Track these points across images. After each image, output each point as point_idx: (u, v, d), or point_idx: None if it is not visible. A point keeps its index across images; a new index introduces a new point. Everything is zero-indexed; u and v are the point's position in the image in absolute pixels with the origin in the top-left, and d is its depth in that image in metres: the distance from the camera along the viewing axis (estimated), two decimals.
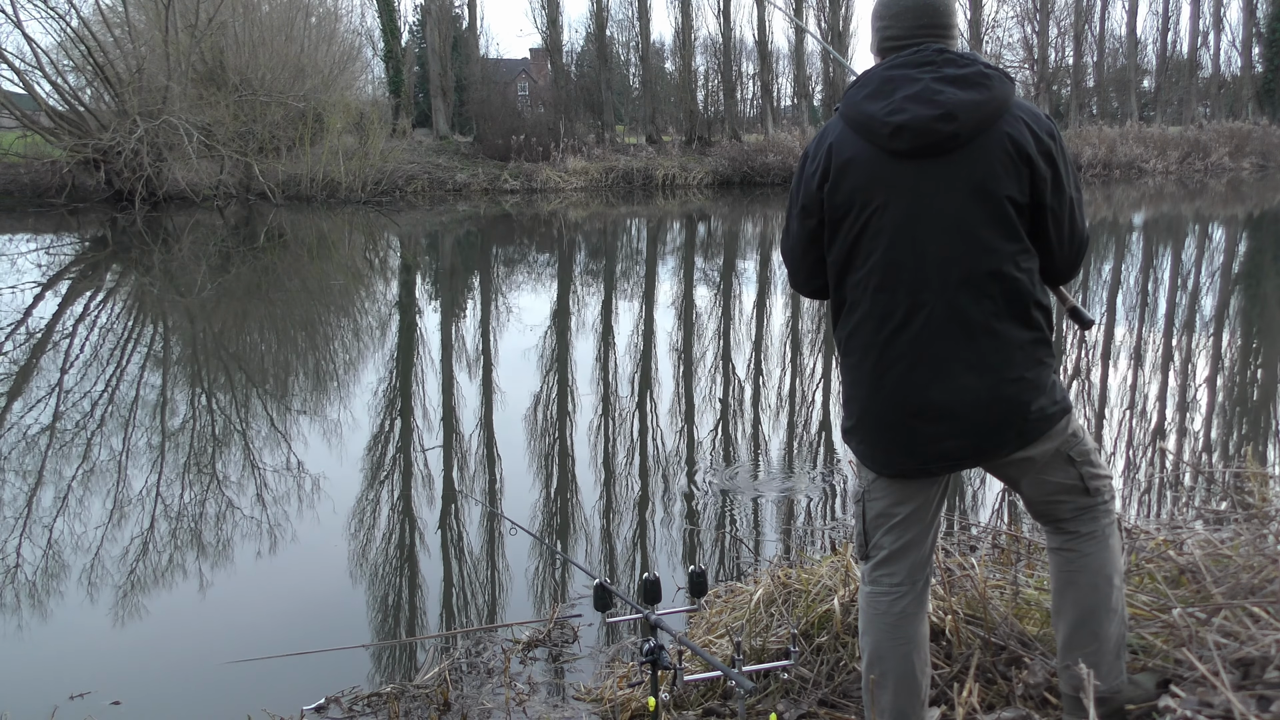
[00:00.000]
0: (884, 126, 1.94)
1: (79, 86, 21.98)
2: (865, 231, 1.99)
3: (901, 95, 1.94)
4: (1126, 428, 6.22)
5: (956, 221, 1.94)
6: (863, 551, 2.19)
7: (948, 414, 1.99)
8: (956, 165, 1.93)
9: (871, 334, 2.02)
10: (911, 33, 2.02)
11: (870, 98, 1.98)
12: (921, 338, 1.97)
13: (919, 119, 1.91)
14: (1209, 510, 4.24)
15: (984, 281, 1.95)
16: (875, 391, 2.04)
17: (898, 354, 1.99)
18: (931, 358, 1.98)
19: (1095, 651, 2.09)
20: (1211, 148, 29.94)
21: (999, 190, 1.93)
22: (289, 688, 3.25)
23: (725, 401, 6.99)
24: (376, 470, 5.70)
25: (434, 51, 31.20)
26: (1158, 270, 13.61)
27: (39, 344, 8.98)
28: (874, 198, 1.97)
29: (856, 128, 1.99)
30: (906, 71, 1.97)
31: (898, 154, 1.94)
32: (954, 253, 1.95)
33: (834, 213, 2.02)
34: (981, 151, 1.93)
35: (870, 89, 1.99)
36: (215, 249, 16.04)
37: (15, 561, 4.41)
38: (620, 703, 2.83)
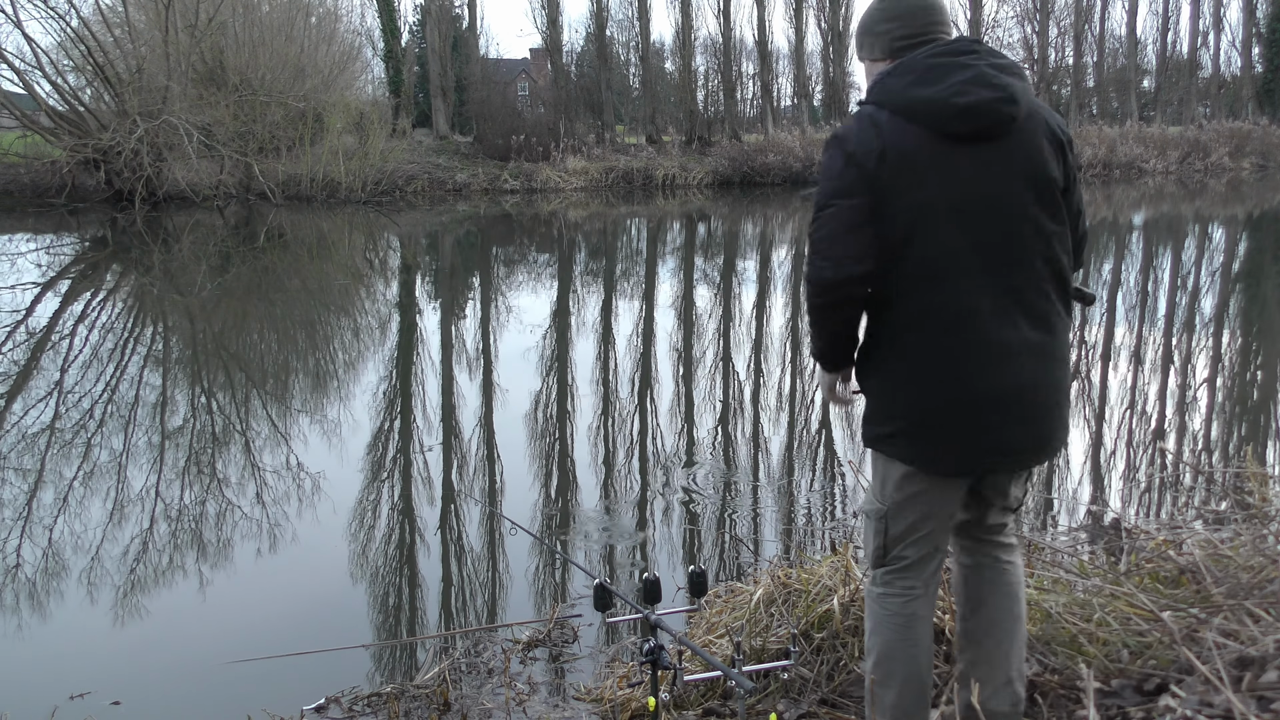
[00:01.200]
0: (948, 109, 1.92)
1: (79, 86, 21.98)
2: (919, 220, 1.94)
3: (958, 80, 1.93)
4: (1126, 428, 6.22)
5: (1010, 205, 1.95)
6: (879, 562, 2.14)
7: (1016, 403, 1.96)
8: (1009, 149, 1.96)
9: (932, 326, 1.95)
10: (924, 29, 2.04)
11: (918, 85, 1.95)
12: (986, 326, 1.94)
13: (985, 101, 1.92)
14: (1209, 510, 4.24)
15: (1038, 265, 1.97)
16: (939, 385, 1.96)
17: (963, 344, 1.94)
18: (998, 346, 1.94)
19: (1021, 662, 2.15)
20: (1211, 148, 29.92)
21: (1047, 172, 1.97)
22: (289, 688, 3.25)
23: (725, 401, 6.99)
24: (376, 470, 5.69)
25: (434, 51, 31.19)
26: (1158, 270, 13.61)
27: (39, 344, 8.98)
28: (928, 185, 1.93)
29: (909, 114, 1.94)
30: (954, 59, 1.96)
31: (957, 137, 1.93)
32: (1010, 237, 1.95)
33: (885, 196, 1.94)
34: (1029, 135, 1.97)
35: (914, 77, 1.96)
36: (215, 249, 16.04)
37: (15, 561, 4.41)
38: (620, 703, 2.83)
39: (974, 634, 2.16)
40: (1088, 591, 2.66)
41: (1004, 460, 2.02)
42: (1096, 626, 2.48)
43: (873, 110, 1.99)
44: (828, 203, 1.98)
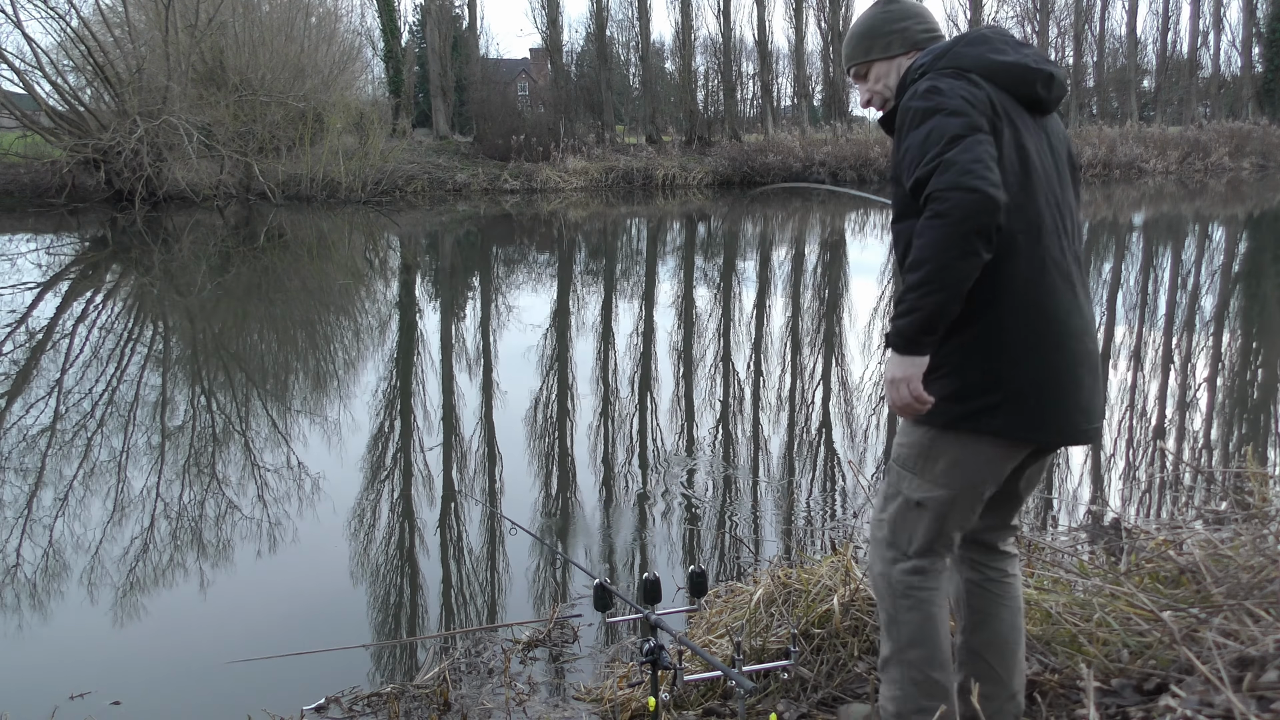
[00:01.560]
0: (1035, 75, 1.98)
1: (79, 86, 21.98)
2: (1020, 178, 1.92)
3: (1030, 52, 2.03)
4: (1126, 428, 6.22)
5: (1063, 178, 2.05)
6: (927, 550, 2.05)
7: (1091, 372, 2.00)
8: (1054, 125, 2.09)
9: (1025, 290, 1.92)
10: (937, 27, 2.18)
11: (996, 52, 1.99)
12: (1063, 293, 1.96)
13: (1058, 73, 2.03)
14: (1209, 510, 4.24)
15: (1078, 238, 2.06)
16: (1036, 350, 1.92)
17: (1053, 308, 1.94)
18: (1076, 314, 1.98)
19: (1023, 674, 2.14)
20: (1211, 148, 29.92)
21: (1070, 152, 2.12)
22: (289, 688, 3.25)
23: (725, 401, 6.99)
24: (376, 470, 5.69)
25: (434, 51, 31.19)
26: (1158, 270, 13.61)
27: (39, 344, 8.98)
28: (1025, 143, 1.96)
29: (992, 76, 1.95)
30: (1005, 36, 2.07)
31: (1036, 104, 2.01)
32: (1068, 208, 2.04)
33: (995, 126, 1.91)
34: (1056, 118, 2.13)
35: (990, 45, 2.01)
36: (215, 249, 16.04)
37: (15, 561, 4.41)
38: (620, 703, 2.83)
39: (977, 649, 2.14)
40: (1088, 591, 2.66)
41: (1088, 425, 2.00)
42: (1096, 626, 2.48)
43: (954, 72, 1.95)
44: (964, 132, 1.82)
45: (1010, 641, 2.12)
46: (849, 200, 24.33)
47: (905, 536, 2.08)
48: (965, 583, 2.19)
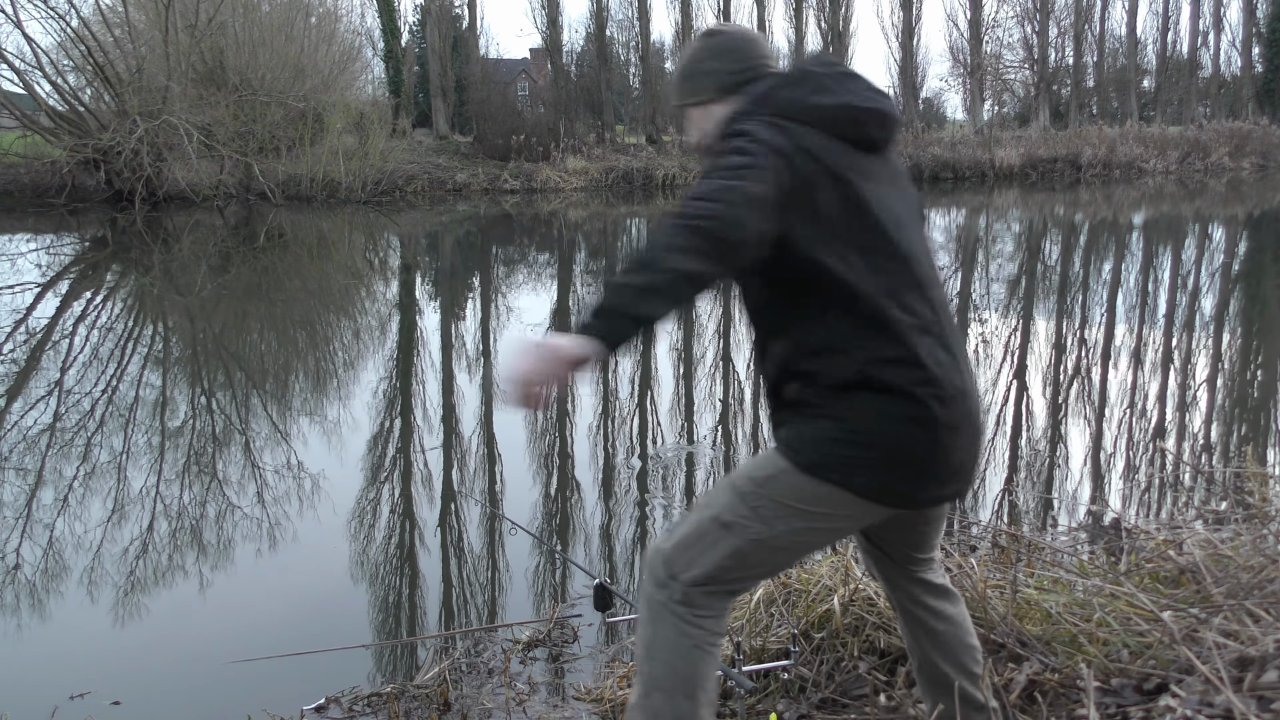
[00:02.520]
0: (863, 114, 1.81)
1: (79, 86, 21.99)
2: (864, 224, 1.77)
3: (861, 86, 1.84)
4: (1126, 428, 6.22)
5: (912, 222, 1.88)
6: (710, 581, 1.80)
7: (972, 431, 1.84)
8: (891, 162, 1.91)
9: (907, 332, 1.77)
10: (756, 62, 1.93)
11: (820, 92, 1.81)
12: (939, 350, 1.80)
13: (888, 108, 1.85)
14: (1209, 510, 4.24)
15: (937, 285, 1.88)
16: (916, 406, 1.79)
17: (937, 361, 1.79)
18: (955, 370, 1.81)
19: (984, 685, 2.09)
20: (1211, 148, 29.93)
21: (912, 189, 1.95)
22: (289, 688, 3.25)
23: (725, 401, 6.99)
24: (376, 470, 5.70)
25: (434, 51, 31.20)
26: (1158, 270, 13.61)
27: (39, 344, 8.98)
28: (854, 190, 1.77)
29: (819, 121, 1.78)
30: (832, 69, 1.86)
31: (865, 145, 1.82)
32: (923, 254, 1.87)
33: (813, 191, 1.74)
34: (894, 156, 1.94)
35: (812, 85, 1.82)
36: (215, 249, 16.04)
37: (15, 561, 4.41)
38: (620, 703, 2.83)
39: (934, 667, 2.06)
40: (1088, 591, 2.66)
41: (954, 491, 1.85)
42: (1096, 626, 2.48)
43: (771, 118, 1.78)
44: (749, 160, 1.68)
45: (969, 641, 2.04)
46: None
47: (687, 559, 1.80)
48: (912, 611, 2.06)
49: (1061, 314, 10.24)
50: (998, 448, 5.83)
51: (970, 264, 14.22)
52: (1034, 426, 6.23)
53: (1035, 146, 29.65)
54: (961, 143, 30.23)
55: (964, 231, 18.76)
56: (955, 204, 23.61)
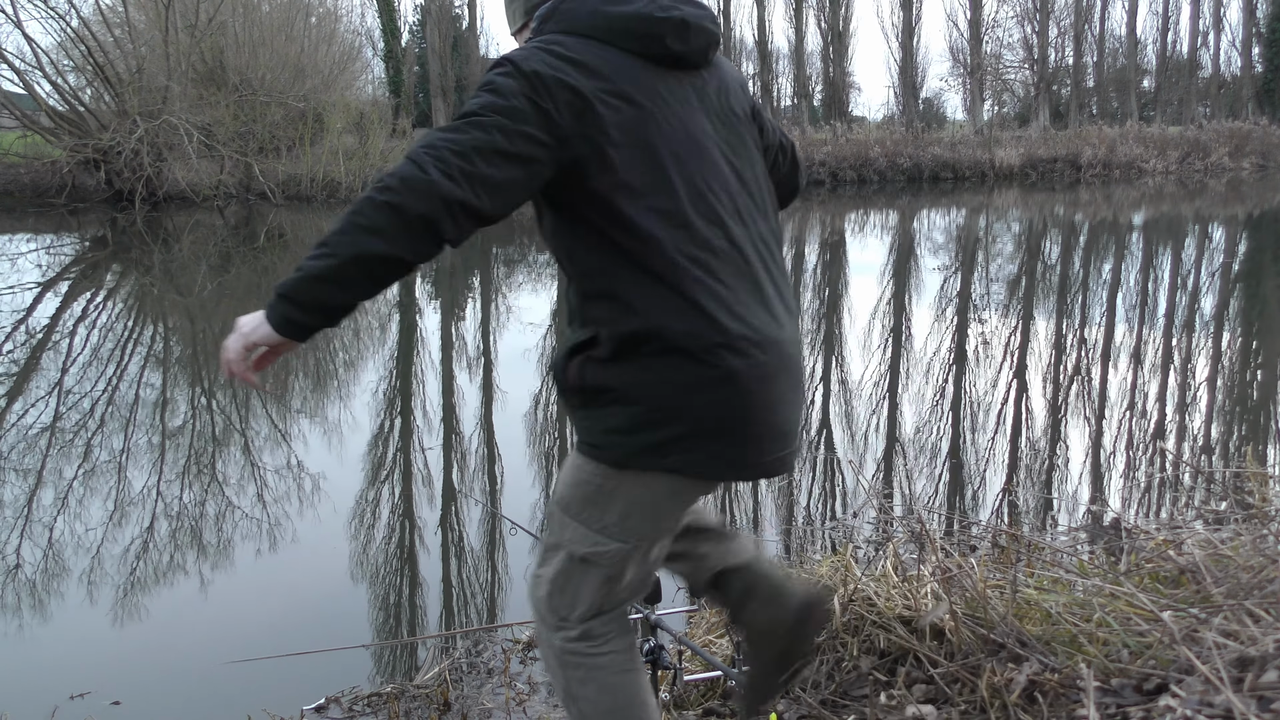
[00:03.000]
0: (661, 25, 1.54)
1: (79, 86, 21.98)
2: (650, 168, 1.54)
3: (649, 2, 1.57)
4: (1126, 428, 6.22)
5: (730, 147, 1.65)
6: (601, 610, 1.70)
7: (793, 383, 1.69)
8: (716, 82, 1.65)
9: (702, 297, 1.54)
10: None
11: (611, 2, 1.56)
12: (743, 289, 1.60)
13: (695, 16, 1.59)
14: (1209, 510, 4.24)
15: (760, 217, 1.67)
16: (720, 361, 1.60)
17: (731, 308, 1.58)
18: (764, 309, 1.63)
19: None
20: (1211, 148, 29.92)
21: (745, 111, 1.71)
22: (289, 688, 3.25)
23: None
24: (376, 470, 5.70)
25: (434, 51, 31.22)
26: (1158, 270, 13.61)
27: (39, 344, 8.98)
28: (647, 116, 1.54)
29: (611, 36, 1.55)
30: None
31: (669, 61, 1.58)
32: (734, 183, 1.63)
33: (591, 140, 1.51)
34: (722, 71, 1.68)
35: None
36: (215, 249, 16.04)
37: (15, 561, 4.41)
38: None
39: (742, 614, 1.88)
40: (1088, 591, 2.66)
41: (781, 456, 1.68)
42: (1096, 626, 2.48)
43: (555, 35, 1.55)
44: (480, 113, 1.47)
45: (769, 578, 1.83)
46: (849, 200, 24.34)
47: (567, 599, 1.69)
48: (686, 579, 1.91)
49: (1061, 314, 10.24)
50: (998, 447, 5.83)
51: (970, 264, 14.22)
52: (1034, 426, 6.23)
53: (1035, 146, 29.65)
54: (961, 143, 30.22)
55: (964, 231, 18.76)
56: (955, 204, 23.61)
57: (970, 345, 8.64)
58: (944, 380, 7.45)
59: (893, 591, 2.76)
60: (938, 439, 6.01)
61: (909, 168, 27.65)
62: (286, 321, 1.44)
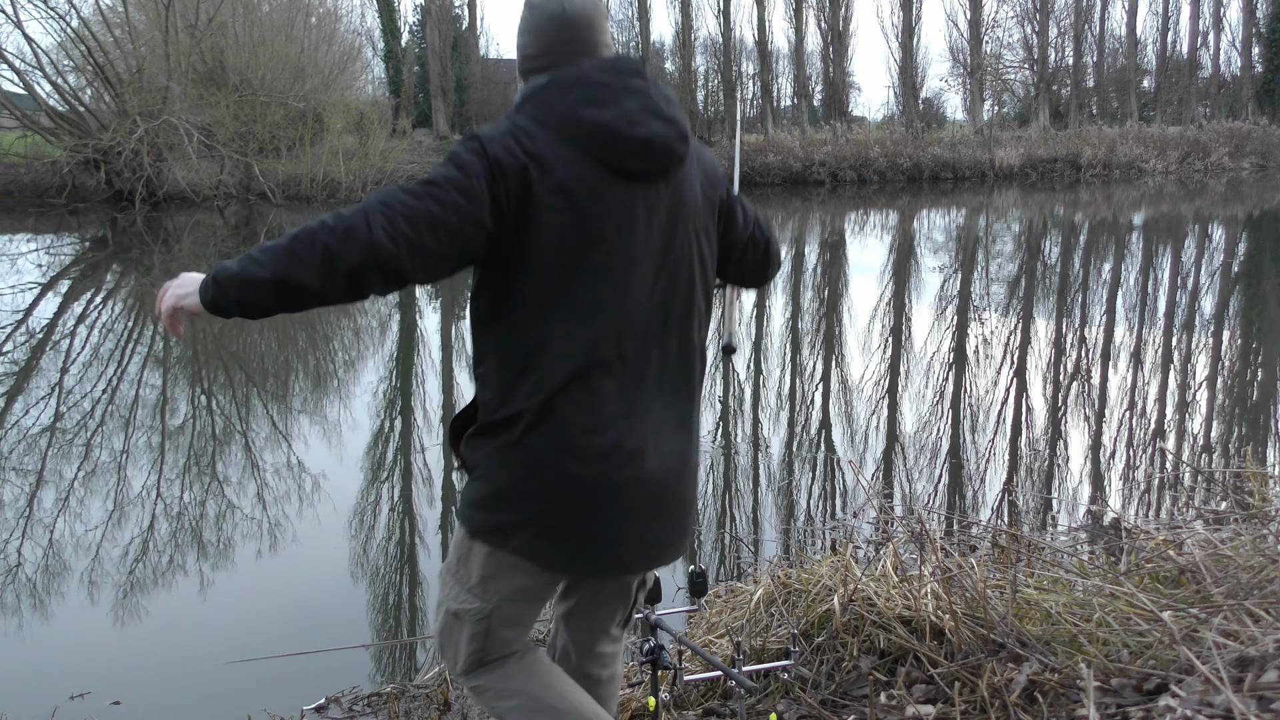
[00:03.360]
0: (621, 139, 1.60)
1: (79, 86, 21.98)
2: (578, 268, 1.60)
3: (632, 105, 1.63)
4: (1126, 428, 6.22)
5: (676, 258, 1.70)
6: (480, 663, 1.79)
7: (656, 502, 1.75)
8: (672, 195, 1.69)
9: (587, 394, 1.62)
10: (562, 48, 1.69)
11: (588, 103, 1.61)
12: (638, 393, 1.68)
13: (662, 135, 1.64)
14: (1209, 510, 4.24)
15: (687, 326, 1.73)
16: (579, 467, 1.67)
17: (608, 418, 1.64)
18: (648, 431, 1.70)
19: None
20: (1211, 148, 29.92)
21: (702, 223, 1.75)
22: (289, 688, 3.25)
23: (725, 402, 6.99)
24: (376, 470, 5.69)
25: (434, 51, 31.21)
26: (1158, 270, 13.61)
27: (39, 344, 8.98)
28: (592, 227, 1.60)
29: (575, 138, 1.60)
30: (623, 79, 1.65)
31: (631, 175, 1.63)
32: (673, 295, 1.70)
33: (522, 226, 1.58)
34: (687, 182, 1.72)
35: (584, 91, 1.62)
36: (215, 249, 16.04)
37: (15, 561, 4.41)
38: (620, 703, 2.83)
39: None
40: (1088, 591, 2.66)
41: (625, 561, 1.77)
42: (1096, 626, 2.48)
43: (527, 122, 1.62)
44: (441, 186, 1.54)
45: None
46: (849, 200, 24.33)
47: (450, 654, 1.81)
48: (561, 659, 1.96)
49: (1061, 314, 10.24)
50: (998, 448, 5.83)
51: (970, 264, 14.22)
52: (1034, 426, 6.23)
53: (1035, 147, 29.65)
54: (961, 143, 30.23)
55: (964, 231, 18.76)
56: (955, 204, 23.62)
57: (970, 345, 8.64)
58: (944, 380, 7.45)
59: (893, 591, 2.76)
60: (938, 439, 6.01)
61: (909, 168, 27.65)
62: (213, 303, 1.57)
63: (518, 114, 1.66)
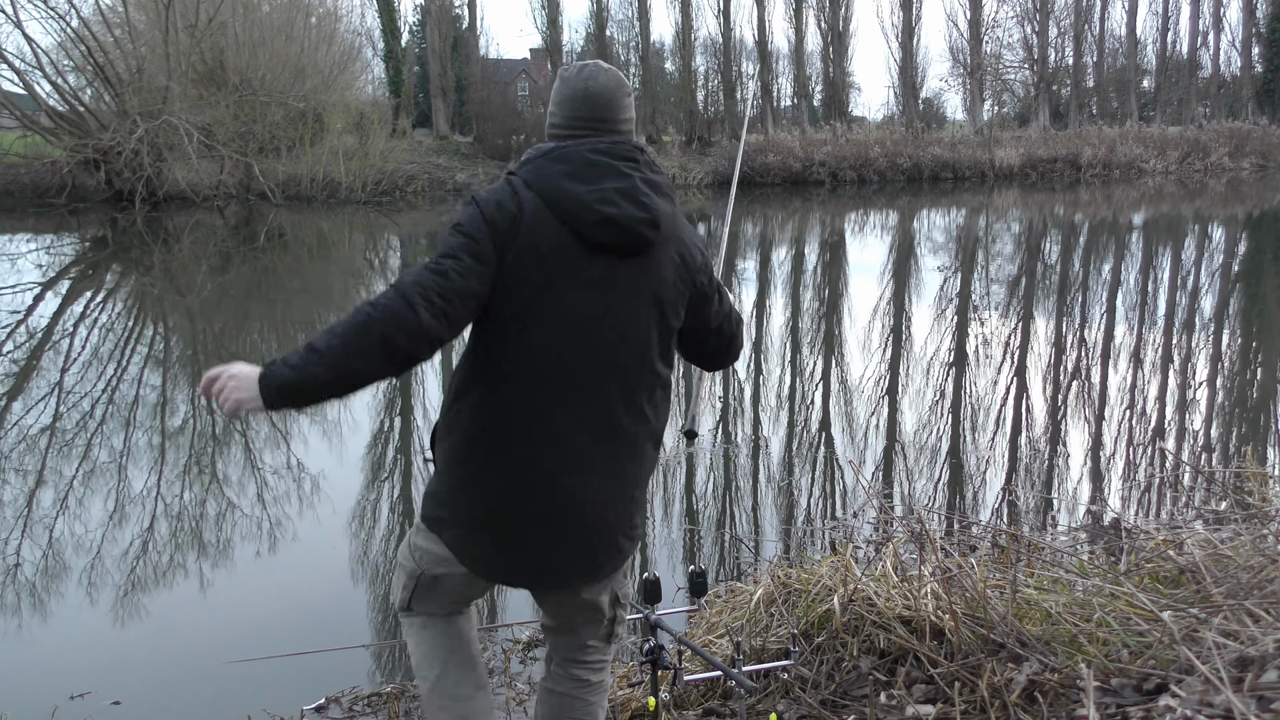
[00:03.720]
0: (590, 213, 1.80)
1: (79, 86, 21.98)
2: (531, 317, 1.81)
3: (610, 186, 1.82)
4: (1126, 428, 6.22)
5: (628, 325, 1.86)
6: (405, 608, 2.14)
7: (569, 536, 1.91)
8: (637, 270, 1.86)
9: (511, 426, 1.84)
10: (581, 124, 1.89)
11: (572, 177, 1.82)
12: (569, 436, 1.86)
13: (629, 217, 1.81)
14: (1209, 510, 4.25)
15: (634, 387, 1.89)
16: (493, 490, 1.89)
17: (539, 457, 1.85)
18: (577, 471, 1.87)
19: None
20: (1211, 148, 29.93)
21: (666, 300, 1.90)
22: (289, 688, 3.25)
23: (726, 401, 6.99)
24: (376, 470, 5.70)
25: (434, 51, 31.21)
26: (1158, 270, 13.61)
27: (39, 344, 8.98)
28: (552, 284, 1.80)
29: (553, 204, 1.81)
30: (612, 161, 1.85)
31: (593, 246, 1.81)
32: (619, 355, 1.86)
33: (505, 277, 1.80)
34: (657, 262, 1.88)
35: (571, 167, 1.83)
36: (215, 249, 16.04)
37: (15, 561, 4.41)
38: (620, 703, 2.83)
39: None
40: (1088, 591, 2.66)
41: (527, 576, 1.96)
42: (1096, 626, 2.48)
43: (519, 183, 1.84)
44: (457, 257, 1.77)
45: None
46: (849, 200, 24.33)
47: (396, 586, 2.15)
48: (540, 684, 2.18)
49: (1061, 314, 10.24)
50: (998, 448, 5.83)
51: (970, 264, 14.22)
52: (1034, 426, 6.23)
53: (1035, 147, 29.66)
54: (961, 143, 30.23)
55: (964, 231, 18.76)
56: (955, 204, 23.62)
57: (970, 345, 8.64)
58: (944, 380, 7.45)
59: (893, 591, 2.76)
60: (938, 439, 6.01)
61: (909, 168, 27.65)
62: (275, 406, 1.72)
63: (515, 174, 1.88)
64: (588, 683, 2.11)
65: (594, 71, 1.92)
